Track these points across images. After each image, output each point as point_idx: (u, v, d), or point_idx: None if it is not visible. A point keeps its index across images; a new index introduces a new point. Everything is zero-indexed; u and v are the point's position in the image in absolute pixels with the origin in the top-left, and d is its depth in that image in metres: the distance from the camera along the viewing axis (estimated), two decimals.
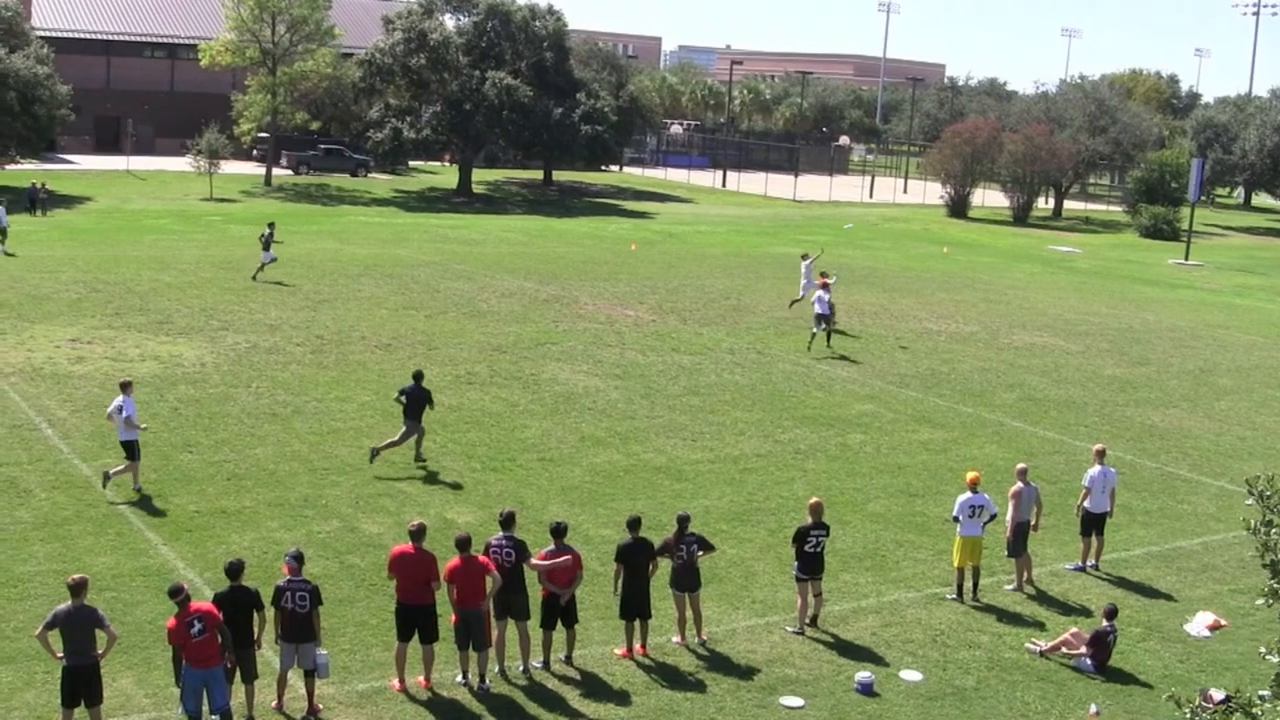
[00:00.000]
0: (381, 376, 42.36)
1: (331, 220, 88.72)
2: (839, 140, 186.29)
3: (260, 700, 20.45)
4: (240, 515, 29.31)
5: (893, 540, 30.31)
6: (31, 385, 39.01)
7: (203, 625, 19.18)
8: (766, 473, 34.73)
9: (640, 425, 38.57)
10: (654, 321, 54.62)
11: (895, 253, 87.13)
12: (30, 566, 25.78)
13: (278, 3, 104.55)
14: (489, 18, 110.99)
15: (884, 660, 23.89)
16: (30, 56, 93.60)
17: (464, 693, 21.71)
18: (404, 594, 21.64)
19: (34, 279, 56.51)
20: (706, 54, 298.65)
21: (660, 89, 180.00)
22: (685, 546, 23.59)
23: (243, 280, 58.99)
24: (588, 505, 31.21)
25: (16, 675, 21.39)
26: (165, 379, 40.70)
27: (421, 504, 30.54)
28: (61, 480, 30.91)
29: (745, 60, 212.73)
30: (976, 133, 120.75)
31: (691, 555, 23.58)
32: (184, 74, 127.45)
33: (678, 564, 23.68)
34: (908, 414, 42.01)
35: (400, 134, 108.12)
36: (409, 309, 54.32)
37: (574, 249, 79.09)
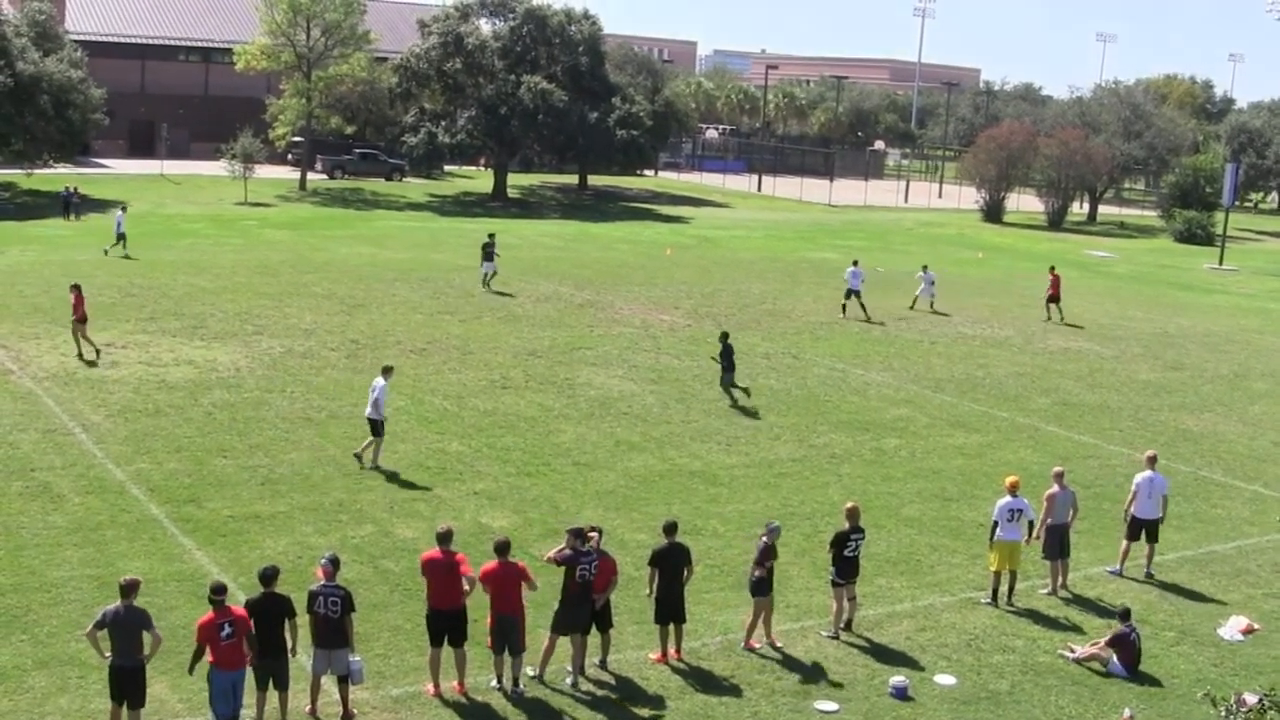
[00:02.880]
0: (416, 381, 42.45)
1: (366, 225, 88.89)
2: (874, 145, 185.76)
3: (294, 706, 20.53)
4: (274, 520, 29.41)
5: (927, 545, 30.29)
6: (65, 390, 39.19)
7: (233, 630, 19.29)
8: (801, 477, 34.73)
9: (675, 430, 38.61)
10: (689, 326, 54.63)
11: (930, 257, 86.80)
12: (64, 571, 25.90)
13: (312, 6, 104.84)
14: (525, 22, 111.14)
15: (918, 664, 23.89)
16: (64, 60, 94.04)
17: (498, 697, 21.76)
18: (433, 599, 21.65)
19: (68, 284, 56.65)
20: (741, 58, 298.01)
21: (695, 93, 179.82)
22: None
23: (277, 284, 59.16)
24: (622, 510, 31.24)
25: (51, 680, 21.50)
26: (200, 383, 40.86)
27: (456, 509, 30.60)
28: (95, 485, 31.04)
29: (780, 65, 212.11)
30: (1011, 137, 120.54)
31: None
32: (218, 78, 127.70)
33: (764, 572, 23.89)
34: (942, 418, 41.96)
35: (435, 138, 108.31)
36: (444, 313, 54.42)
37: (609, 254, 79.14)
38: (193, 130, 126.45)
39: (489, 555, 21.83)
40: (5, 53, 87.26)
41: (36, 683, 21.40)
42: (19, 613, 23.89)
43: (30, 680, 21.44)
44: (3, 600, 24.36)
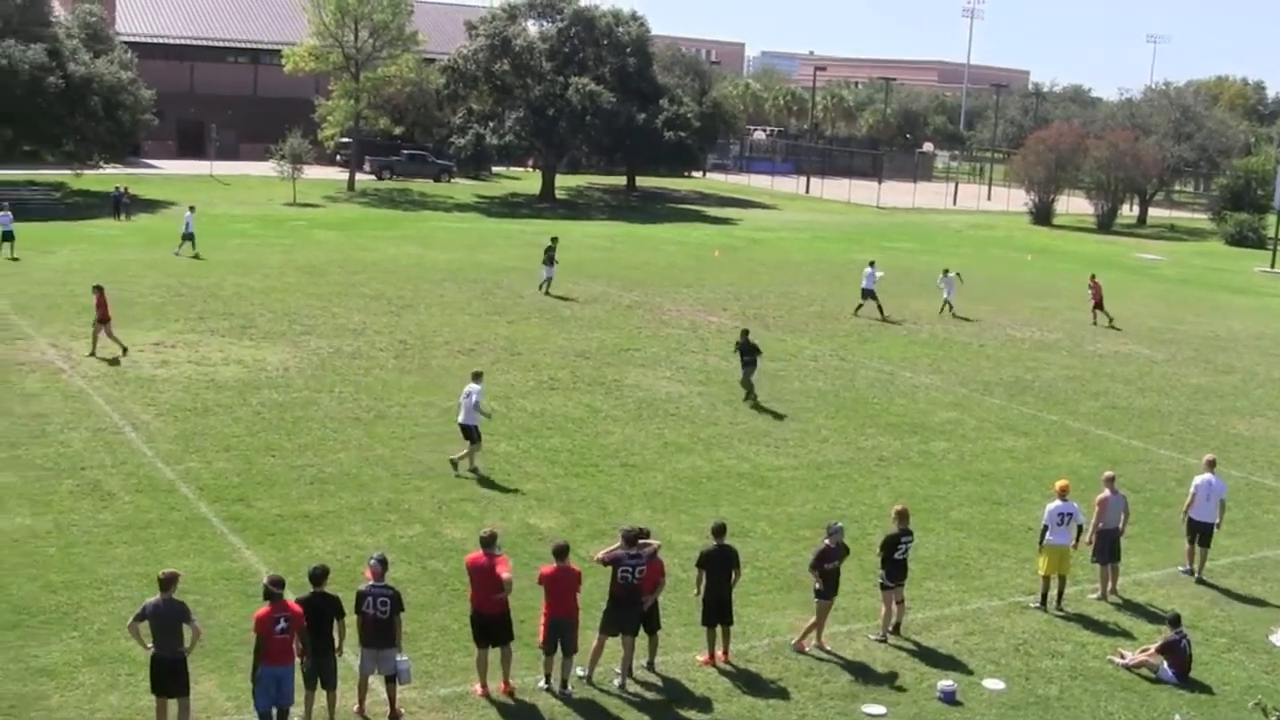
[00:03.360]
0: (464, 382, 42.35)
1: (414, 225, 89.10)
2: (923, 147, 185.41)
3: (341, 705, 20.57)
4: (323, 519, 29.49)
5: (976, 548, 30.18)
6: (115, 389, 39.37)
7: (288, 624, 19.37)
8: (849, 480, 34.65)
9: (723, 431, 38.57)
10: (737, 327, 54.38)
11: (979, 260, 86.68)
12: (114, 569, 26.04)
13: (360, 8, 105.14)
14: (572, 23, 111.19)
15: (967, 668, 23.80)
16: (114, 62, 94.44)
17: (545, 698, 21.76)
18: (475, 601, 21.67)
19: (118, 283, 56.83)
20: (789, 60, 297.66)
21: (743, 95, 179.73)
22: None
23: (326, 285, 59.36)
24: (670, 511, 31.22)
25: (101, 677, 21.62)
26: (248, 383, 41.01)
27: (504, 509, 30.63)
28: (145, 484, 31.17)
29: (829, 66, 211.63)
30: (1061, 139, 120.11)
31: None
32: (267, 79, 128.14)
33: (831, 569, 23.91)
34: (991, 421, 41.81)
35: (483, 139, 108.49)
36: (492, 314, 54.50)
37: (657, 255, 79.13)
38: (241, 131, 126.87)
39: (537, 556, 21.84)
40: (57, 54, 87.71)
41: (87, 679, 21.51)
42: (70, 609, 24.03)
43: (81, 676, 21.55)
44: (54, 597, 24.52)
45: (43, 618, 23.67)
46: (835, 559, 23.83)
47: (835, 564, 23.79)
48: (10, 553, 26.56)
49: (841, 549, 24.00)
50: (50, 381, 39.92)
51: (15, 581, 25.16)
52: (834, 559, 23.79)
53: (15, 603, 24.23)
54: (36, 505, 29.34)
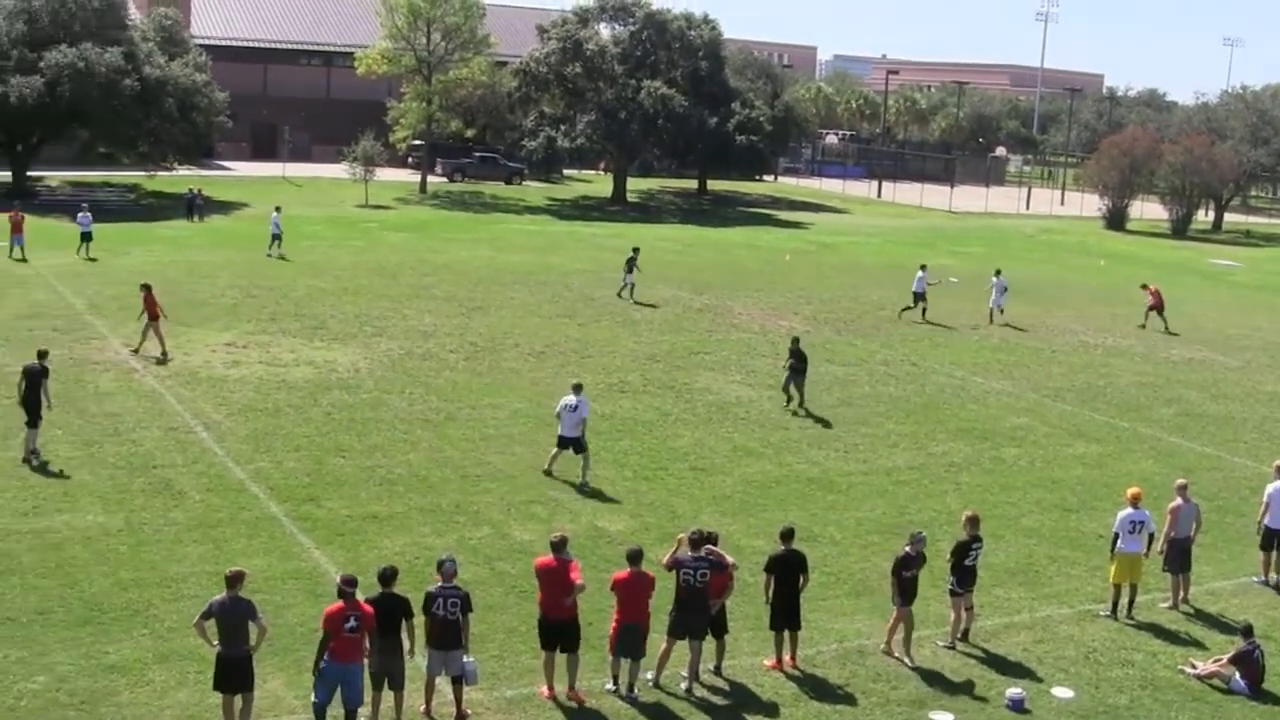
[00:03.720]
0: (535, 384, 42.58)
1: (486, 228, 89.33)
2: (995, 151, 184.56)
3: (409, 705, 20.62)
4: (392, 520, 29.59)
5: (1046, 555, 30.00)
6: (188, 389, 39.64)
7: (358, 623, 19.45)
8: (919, 485, 34.52)
9: (793, 436, 38.49)
10: (808, 332, 54.37)
11: (1051, 265, 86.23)
12: (184, 567, 26.23)
13: (432, 10, 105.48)
14: (644, 27, 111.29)
15: (1036, 676, 23.65)
16: (189, 64, 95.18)
17: (612, 701, 21.76)
18: (544, 605, 21.65)
19: (191, 284, 57.40)
20: (862, 64, 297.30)
21: (815, 99, 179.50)
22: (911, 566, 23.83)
23: (397, 286, 59.61)
24: (739, 515, 31.17)
25: (170, 674, 21.77)
26: (319, 384, 41.21)
27: (573, 512, 30.65)
28: (216, 483, 31.38)
29: (901, 70, 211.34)
30: (1135, 144, 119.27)
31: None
32: (340, 81, 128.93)
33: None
34: (1063, 428, 41.55)
35: (554, 142, 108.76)
36: (562, 317, 54.57)
37: (728, 258, 79.04)
38: (314, 133, 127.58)
39: (605, 559, 21.83)
40: (132, 57, 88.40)
41: (156, 676, 21.67)
42: (140, 607, 24.22)
43: (150, 674, 21.72)
44: (125, 594, 24.72)
45: (114, 614, 23.87)
46: (915, 567, 23.68)
47: (914, 572, 23.63)
48: (83, 550, 26.81)
49: (921, 558, 23.80)
50: (124, 381, 40.24)
51: (87, 578, 25.40)
52: (913, 567, 23.63)
53: (87, 599, 24.44)
54: (109, 503, 29.60)
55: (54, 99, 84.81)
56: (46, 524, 28.15)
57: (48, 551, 26.65)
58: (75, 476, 31.23)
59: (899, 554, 23.78)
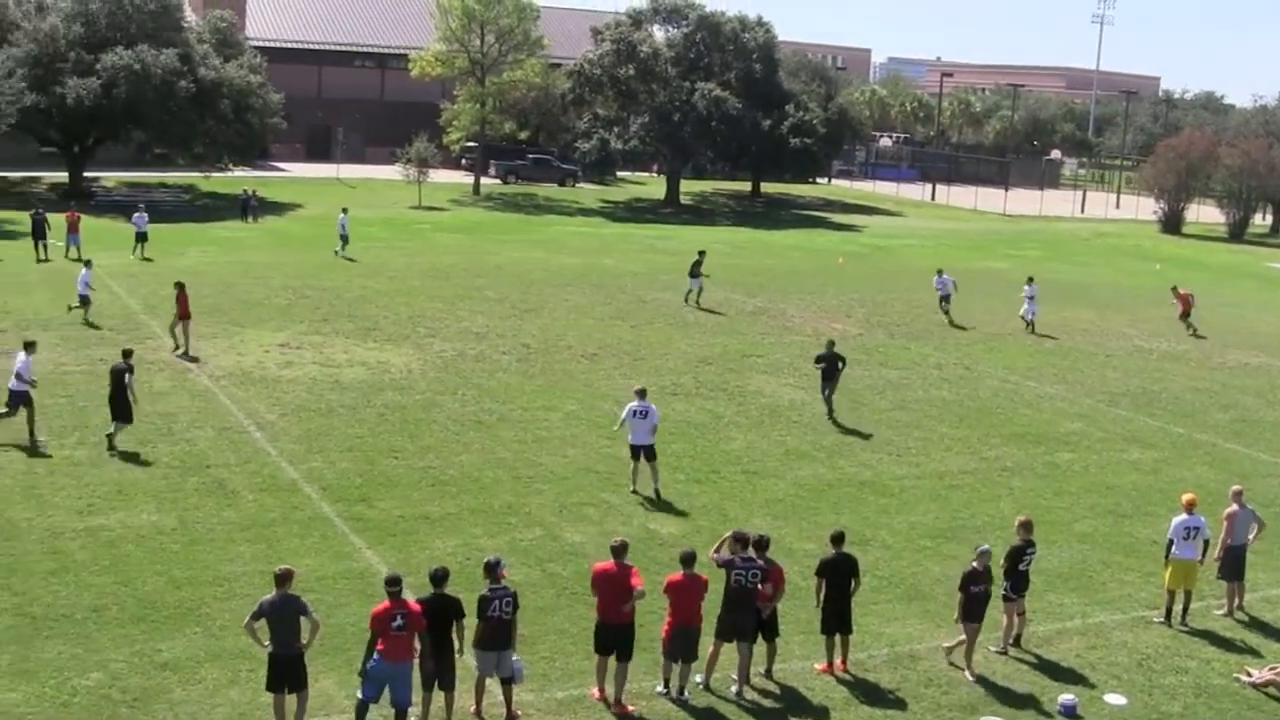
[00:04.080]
0: (588, 386, 42.60)
1: (539, 230, 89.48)
2: (1050, 154, 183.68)
3: (459, 706, 20.65)
4: (444, 521, 29.65)
5: (1100, 561, 29.84)
6: (241, 389, 39.81)
7: (405, 622, 19.49)
8: (973, 490, 34.38)
9: (846, 439, 38.40)
10: (861, 335, 54.32)
11: (1106, 268, 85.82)
12: (236, 566, 26.36)
13: (486, 13, 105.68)
14: (698, 29, 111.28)
15: (1088, 682, 23.51)
16: (244, 66, 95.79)
17: (662, 704, 21.73)
18: (602, 612, 21.56)
19: (245, 285, 57.69)
20: (916, 66, 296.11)
21: (869, 101, 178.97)
22: None
23: (450, 288, 59.76)
24: (791, 519, 31.12)
25: (222, 672, 21.88)
26: (372, 385, 41.33)
27: (625, 514, 30.65)
28: (268, 483, 31.51)
29: (955, 72, 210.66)
30: (1191, 147, 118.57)
31: None
32: (394, 83, 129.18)
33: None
34: (1117, 433, 41.32)
35: (608, 144, 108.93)
36: (615, 319, 54.58)
37: (781, 261, 78.95)
38: (368, 134, 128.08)
39: (656, 562, 21.82)
40: (188, 59, 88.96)
41: (209, 674, 21.78)
42: (193, 605, 24.34)
43: (202, 671, 21.83)
44: (178, 593, 24.85)
45: (167, 612, 24.00)
46: (982, 582, 23.35)
47: (982, 588, 23.30)
48: (136, 548, 26.97)
49: (988, 572, 23.46)
50: (178, 381, 40.46)
51: (141, 576, 25.54)
52: (981, 582, 23.31)
53: (141, 597, 24.59)
54: (163, 502, 29.76)
55: (110, 100, 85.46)
56: (101, 522, 28.32)
57: (102, 550, 26.83)
58: (130, 475, 31.42)
59: (965, 569, 23.57)
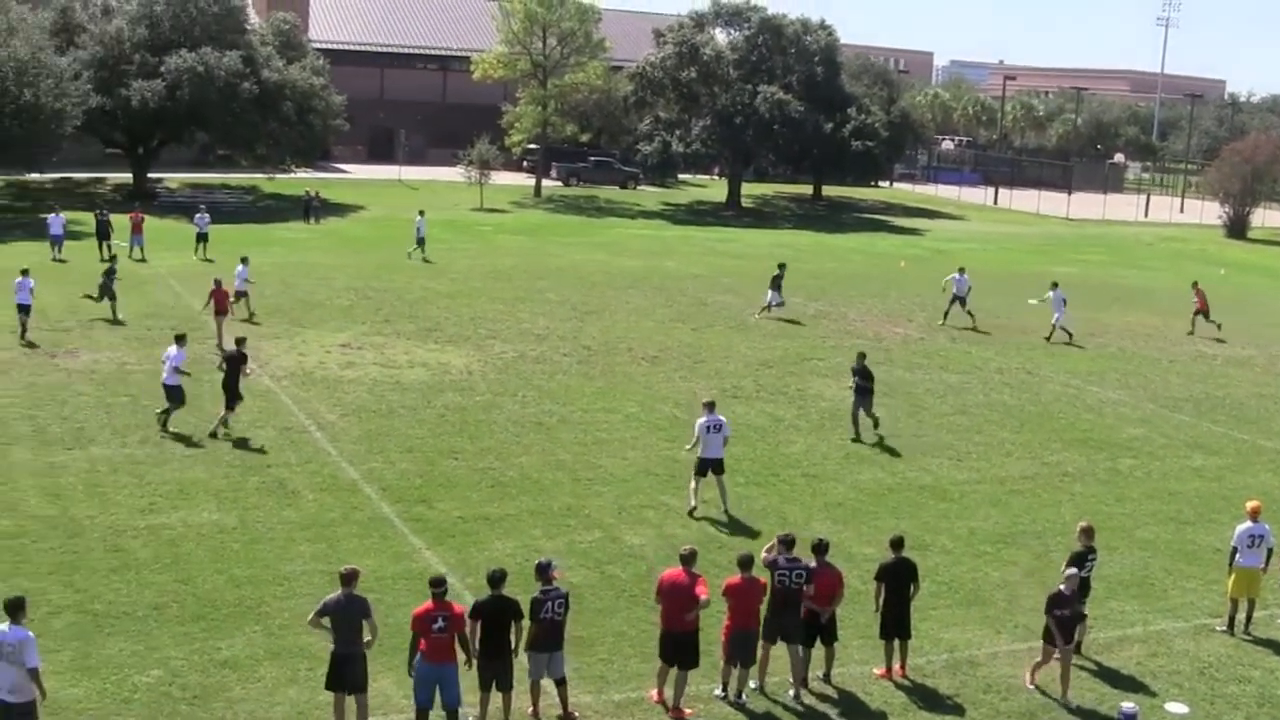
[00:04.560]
0: (648, 389, 42.60)
1: (600, 232, 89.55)
2: (1114, 158, 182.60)
3: (516, 707, 20.67)
4: (503, 522, 29.68)
5: (1161, 568, 29.61)
6: (302, 389, 39.98)
7: (446, 623, 19.57)
8: (1033, 495, 34.19)
9: (906, 443, 38.25)
10: (922, 339, 54.13)
11: (1170, 273, 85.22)
12: (296, 565, 26.48)
13: (548, 16, 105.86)
14: (760, 32, 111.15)
15: (1149, 691, 23.33)
16: (306, 68, 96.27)
17: (720, 707, 21.70)
18: (667, 620, 21.45)
19: (307, 285, 57.96)
20: (979, 69, 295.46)
21: (932, 104, 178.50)
22: None
23: (511, 289, 59.89)
24: (851, 523, 31.02)
25: (281, 671, 21.98)
26: (433, 386, 41.44)
27: (684, 518, 30.58)
28: (329, 483, 31.64)
29: (1018, 75, 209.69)
30: (1257, 151, 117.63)
31: None
32: (456, 85, 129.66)
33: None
34: (1180, 439, 41.01)
35: (669, 147, 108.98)
36: (676, 321, 54.55)
37: (842, 264, 78.77)
38: (430, 136, 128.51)
39: (715, 565, 21.79)
40: (251, 61, 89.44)
41: (268, 673, 21.88)
42: (253, 604, 24.47)
43: (261, 670, 21.93)
44: (238, 591, 24.98)
45: (226, 611, 24.12)
46: (1068, 607, 22.81)
47: (1067, 612, 22.73)
48: (197, 546, 27.13)
49: (1076, 597, 22.93)
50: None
51: (202, 575, 25.69)
52: (1066, 607, 22.79)
53: (201, 595, 24.72)
54: (223, 501, 29.92)
55: (174, 102, 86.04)
56: (163, 521, 28.50)
57: (163, 548, 27.00)
58: (191, 474, 31.60)
59: (1051, 591, 23.20)
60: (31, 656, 18.04)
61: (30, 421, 35.31)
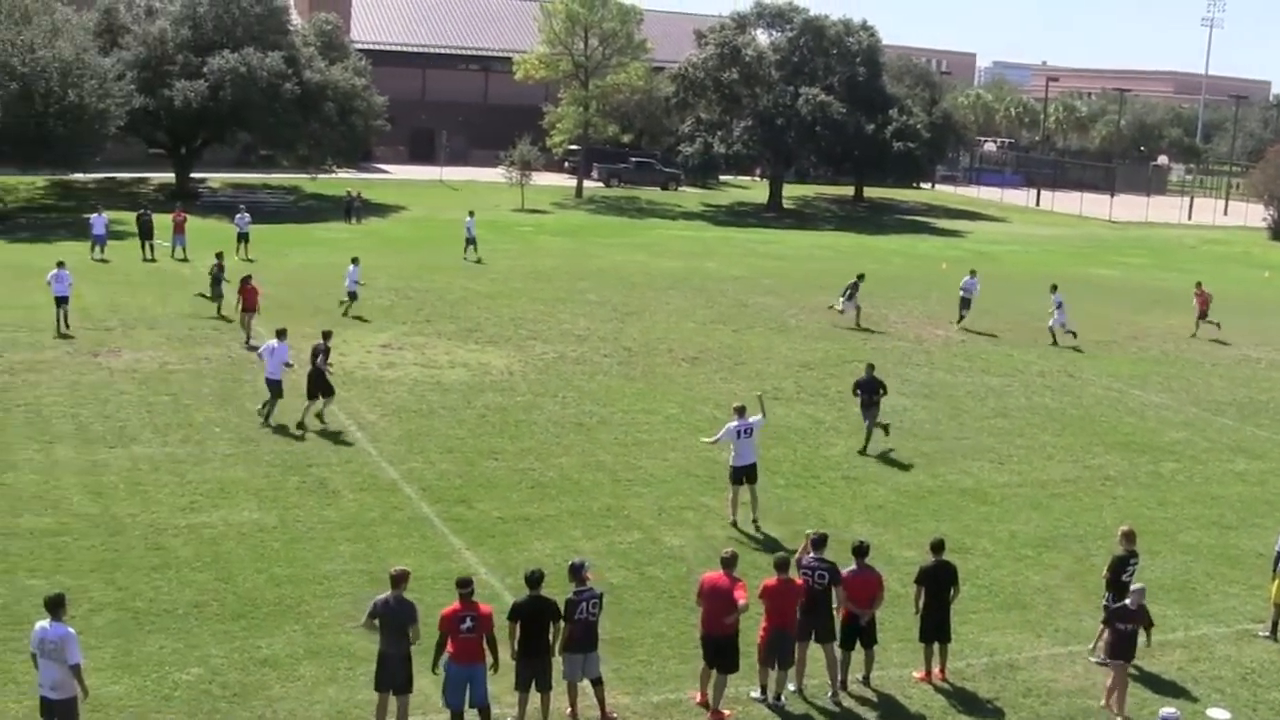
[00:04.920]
0: (688, 390, 42.58)
1: (641, 233, 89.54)
2: (1157, 159, 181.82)
3: (555, 708, 20.69)
4: (543, 523, 29.71)
5: (1203, 573, 29.47)
6: (343, 389, 40.00)
7: (474, 624, 19.65)
8: (1074, 498, 34.05)
9: (946, 446, 38.16)
10: (963, 342, 54.00)
11: (1213, 276, 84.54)
12: (336, 565, 26.56)
13: (590, 17, 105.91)
14: (802, 33, 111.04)
15: (1190, 696, 23.22)
16: (348, 69, 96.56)
17: (758, 709, 21.69)
18: (707, 623, 21.44)
19: (343, 285, 58.02)
20: (1021, 70, 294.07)
21: (974, 105, 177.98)
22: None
23: (551, 290, 59.91)
24: (891, 525, 30.96)
25: (320, 670, 22.05)
26: (473, 386, 41.49)
27: (724, 519, 30.55)
28: (369, 482, 31.72)
29: (1061, 77, 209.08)
30: None
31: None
32: (497, 86, 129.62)
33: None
34: (1223, 443, 40.80)
35: (711, 148, 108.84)
36: (716, 323, 54.51)
37: (884, 266, 78.50)
38: (471, 137, 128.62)
39: (755, 566, 21.77)
40: (293, 62, 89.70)
41: (307, 671, 21.95)
42: (293, 603, 24.54)
43: (301, 669, 22.00)
44: (278, 590, 25.07)
45: (266, 610, 24.21)
46: (1132, 622, 22.49)
47: (1130, 627, 22.41)
48: (238, 545, 27.23)
49: (1142, 612, 22.55)
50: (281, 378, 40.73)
51: (242, 573, 25.79)
52: (1130, 621, 22.45)
53: (241, 594, 24.82)
54: (264, 500, 30.02)
55: (217, 103, 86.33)
56: (203, 519, 28.62)
57: (204, 546, 27.11)
58: (232, 474, 31.71)
59: (1115, 605, 22.99)
60: (73, 653, 18.15)
61: (73, 420, 35.51)
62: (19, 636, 22.16)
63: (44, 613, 18.37)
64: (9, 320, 47.04)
